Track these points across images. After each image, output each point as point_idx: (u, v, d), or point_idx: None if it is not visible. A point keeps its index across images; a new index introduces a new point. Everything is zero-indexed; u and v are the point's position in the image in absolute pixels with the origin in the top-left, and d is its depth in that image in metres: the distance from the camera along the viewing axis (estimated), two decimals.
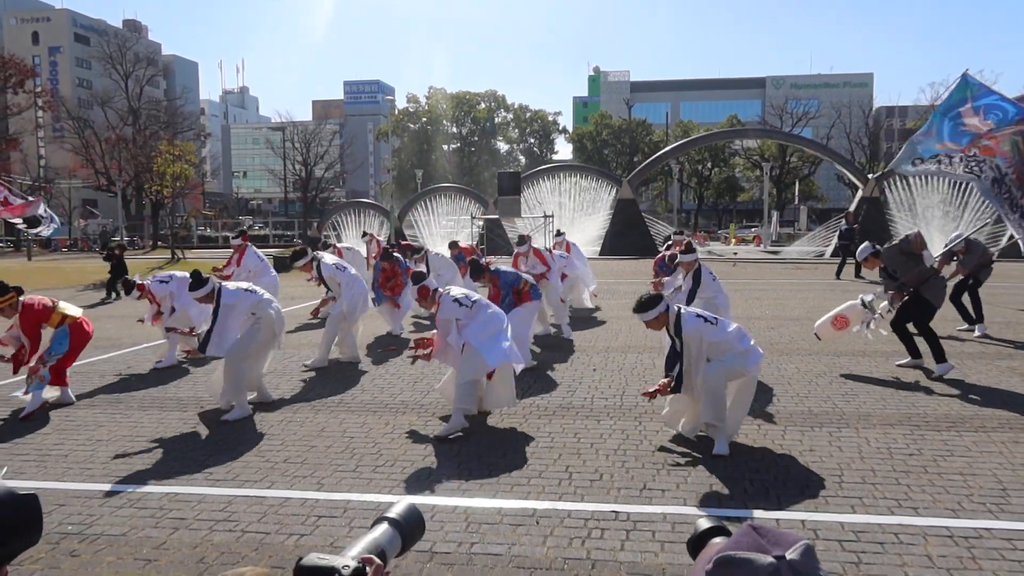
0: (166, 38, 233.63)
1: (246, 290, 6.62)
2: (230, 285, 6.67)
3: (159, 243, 46.34)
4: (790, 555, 0.95)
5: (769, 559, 0.95)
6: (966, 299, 10.63)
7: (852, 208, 28.13)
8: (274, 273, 11.34)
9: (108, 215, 56.86)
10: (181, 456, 5.43)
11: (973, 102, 9.29)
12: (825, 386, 7.26)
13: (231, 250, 11.96)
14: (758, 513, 4.25)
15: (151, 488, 4.78)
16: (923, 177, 30.66)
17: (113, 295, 17.05)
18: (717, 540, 1.17)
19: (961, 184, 30.10)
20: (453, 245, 13.92)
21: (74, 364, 8.86)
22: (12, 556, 1.07)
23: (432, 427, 6.06)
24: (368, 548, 1.12)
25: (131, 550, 3.90)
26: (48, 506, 4.48)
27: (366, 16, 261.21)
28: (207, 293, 6.43)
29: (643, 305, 5.29)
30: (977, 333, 10.22)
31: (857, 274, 19.30)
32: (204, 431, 6.08)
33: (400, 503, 1.21)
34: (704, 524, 1.22)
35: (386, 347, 9.78)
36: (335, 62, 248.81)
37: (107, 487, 4.81)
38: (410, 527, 1.19)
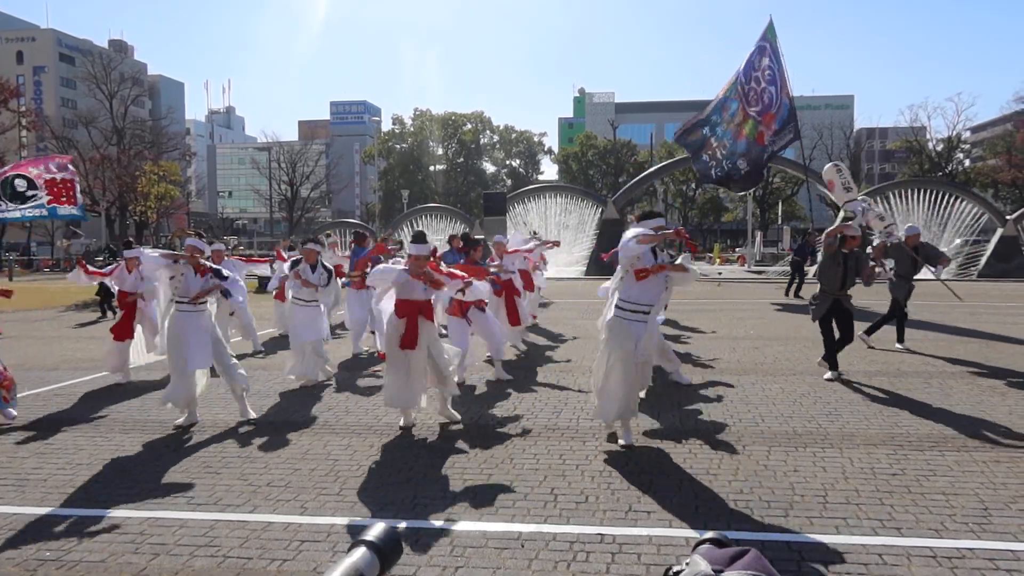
0: (152, 58, 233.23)
1: None
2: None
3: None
4: (727, 574, 0.93)
5: (706, 570, 0.93)
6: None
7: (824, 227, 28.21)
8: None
9: (92, 235, 56.47)
10: (162, 480, 5.36)
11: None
12: (809, 406, 7.30)
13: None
14: (743, 535, 4.25)
15: (131, 513, 4.71)
16: (904, 198, 31.08)
17: (109, 313, 16.91)
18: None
19: (941, 202, 30.54)
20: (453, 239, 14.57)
21: (57, 386, 8.80)
22: None
23: (417, 449, 6.03)
24: (347, 573, 1.12)
25: None
26: (26, 532, 4.42)
27: (353, 37, 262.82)
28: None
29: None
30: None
31: (796, 293, 19.61)
32: (186, 454, 6.02)
33: (377, 526, 1.21)
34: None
35: (371, 370, 9.74)
36: (321, 83, 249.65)
37: (86, 512, 4.74)
38: (388, 550, 1.19)
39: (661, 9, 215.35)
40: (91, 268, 9.72)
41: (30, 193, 9.10)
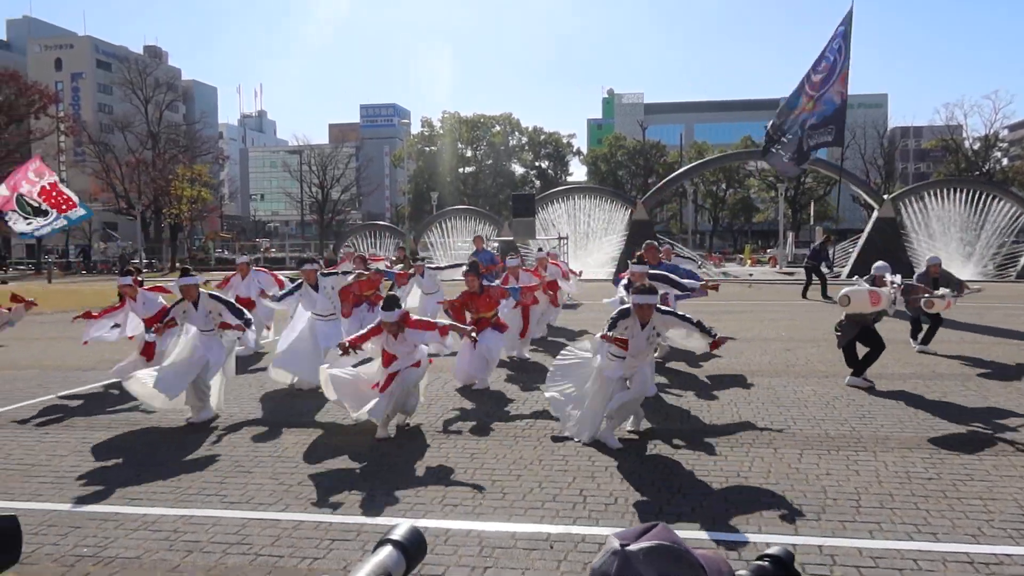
0: (186, 64, 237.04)
1: None
2: None
3: (177, 266, 46.79)
4: (632, 548, 0.96)
5: (614, 545, 0.97)
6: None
7: (869, 227, 27.42)
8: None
9: (128, 238, 57.57)
10: (196, 478, 5.45)
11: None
12: (842, 408, 7.19)
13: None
14: (774, 538, 4.20)
15: (165, 510, 4.79)
16: (939, 197, 30.52)
17: None
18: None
19: (978, 202, 29.93)
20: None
21: (94, 386, 8.98)
22: None
23: (447, 450, 6.05)
24: (374, 571, 1.13)
25: (145, 573, 3.91)
26: (63, 528, 4.52)
27: (383, 40, 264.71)
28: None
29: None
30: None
31: (824, 294, 19.16)
32: (220, 453, 6.10)
33: (402, 525, 1.22)
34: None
35: None
36: (352, 86, 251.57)
37: (122, 509, 4.83)
38: (413, 549, 1.20)
39: (690, 9, 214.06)
40: (94, 313, 9.60)
41: (44, 209, 9.33)
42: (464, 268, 9.01)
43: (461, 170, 77.24)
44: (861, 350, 8.34)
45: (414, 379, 6.66)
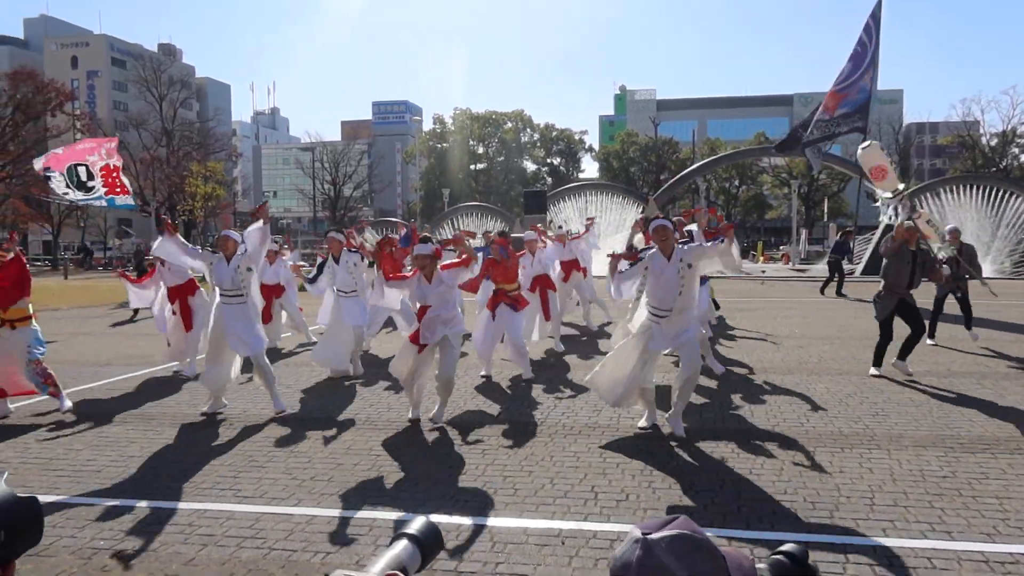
0: (199, 61, 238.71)
1: None
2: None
3: None
4: (654, 536, 0.96)
5: (637, 534, 0.98)
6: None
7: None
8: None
9: (142, 235, 57.91)
10: (210, 473, 5.49)
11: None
12: (855, 406, 7.15)
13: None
14: (786, 536, 4.19)
15: (181, 504, 4.84)
16: (956, 194, 30.25)
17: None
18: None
19: (995, 199, 29.65)
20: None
21: (110, 381, 9.06)
22: (15, 555, 1.14)
23: (458, 446, 6.07)
24: (391, 564, 1.14)
25: (161, 566, 3.95)
26: (80, 522, 4.57)
27: (395, 37, 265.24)
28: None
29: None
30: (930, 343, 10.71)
31: (839, 292, 19.06)
32: (234, 448, 6.15)
33: (418, 519, 1.24)
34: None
35: None
36: (364, 83, 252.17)
37: (138, 503, 4.88)
38: (428, 542, 1.21)
39: (702, 4, 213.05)
40: (132, 278, 9.80)
41: (91, 184, 9.40)
42: (492, 235, 9.20)
43: (473, 167, 77.24)
44: (898, 334, 8.36)
45: (454, 358, 6.72)
